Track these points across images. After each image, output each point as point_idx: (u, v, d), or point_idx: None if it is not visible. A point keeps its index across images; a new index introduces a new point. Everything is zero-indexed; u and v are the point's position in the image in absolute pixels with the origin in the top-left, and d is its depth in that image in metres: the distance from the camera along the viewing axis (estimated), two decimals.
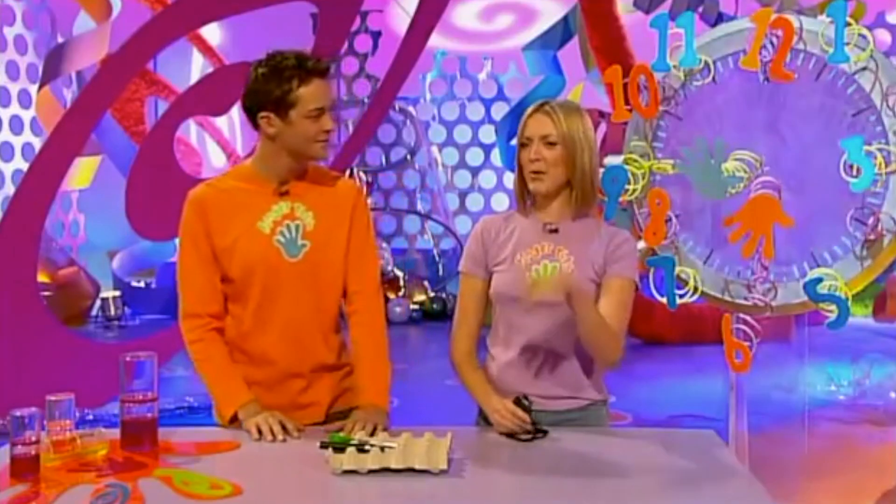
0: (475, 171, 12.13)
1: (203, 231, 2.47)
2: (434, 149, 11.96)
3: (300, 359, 2.50)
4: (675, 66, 3.37)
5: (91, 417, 4.98)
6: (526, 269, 2.43)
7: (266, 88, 2.40)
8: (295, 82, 2.39)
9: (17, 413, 2.05)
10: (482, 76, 12.12)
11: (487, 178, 12.11)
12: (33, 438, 2.05)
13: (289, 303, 2.47)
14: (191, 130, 10.90)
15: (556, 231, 2.48)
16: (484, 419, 2.48)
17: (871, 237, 3.17)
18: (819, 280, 3.18)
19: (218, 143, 10.94)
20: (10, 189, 9.37)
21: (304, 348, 2.50)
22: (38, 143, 9.75)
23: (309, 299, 2.49)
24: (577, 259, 2.44)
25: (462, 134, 12.15)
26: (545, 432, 2.36)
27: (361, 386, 2.50)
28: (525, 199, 2.52)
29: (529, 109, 2.50)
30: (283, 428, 2.36)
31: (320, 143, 2.45)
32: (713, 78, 3.36)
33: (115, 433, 2.23)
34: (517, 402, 2.35)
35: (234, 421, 2.44)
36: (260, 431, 2.35)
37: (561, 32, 10.24)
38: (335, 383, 2.57)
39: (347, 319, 2.58)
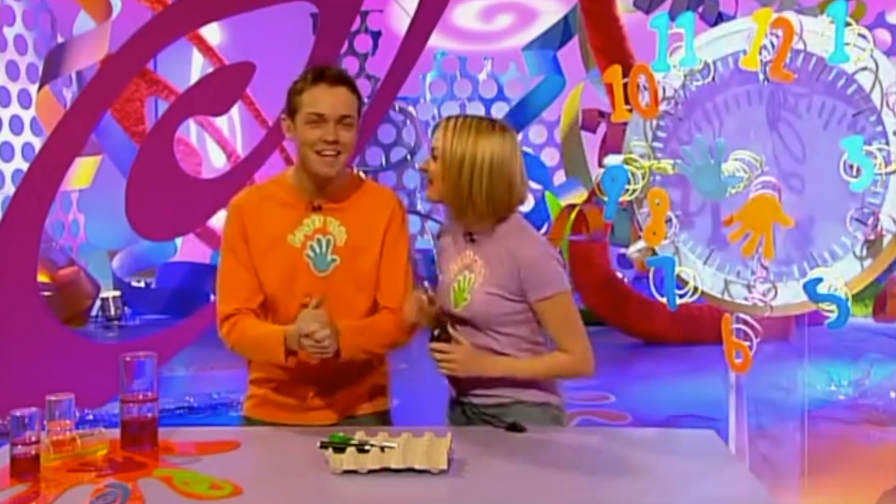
0: None
1: (242, 236, 2.45)
2: None
3: (319, 368, 2.45)
4: (675, 66, 3.37)
5: (91, 417, 4.99)
6: (452, 282, 2.47)
7: (288, 92, 2.42)
8: (300, 85, 2.39)
9: (17, 413, 2.05)
10: (482, 76, 12.12)
11: None
12: (33, 438, 2.05)
13: None
14: (191, 130, 10.89)
15: (473, 241, 2.48)
16: (462, 411, 2.48)
17: (871, 237, 3.17)
18: (819, 280, 3.18)
19: (218, 143, 10.93)
20: (10, 189, 9.37)
21: (325, 360, 2.43)
22: (38, 143, 9.75)
23: (334, 314, 2.42)
24: (487, 273, 2.43)
25: None
26: (522, 429, 2.37)
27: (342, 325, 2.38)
28: None
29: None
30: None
31: (319, 156, 2.38)
32: (713, 78, 3.36)
33: (115, 433, 2.23)
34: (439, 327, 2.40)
35: (291, 354, 2.36)
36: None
37: (561, 32, 10.23)
38: (351, 391, 2.53)
39: None
